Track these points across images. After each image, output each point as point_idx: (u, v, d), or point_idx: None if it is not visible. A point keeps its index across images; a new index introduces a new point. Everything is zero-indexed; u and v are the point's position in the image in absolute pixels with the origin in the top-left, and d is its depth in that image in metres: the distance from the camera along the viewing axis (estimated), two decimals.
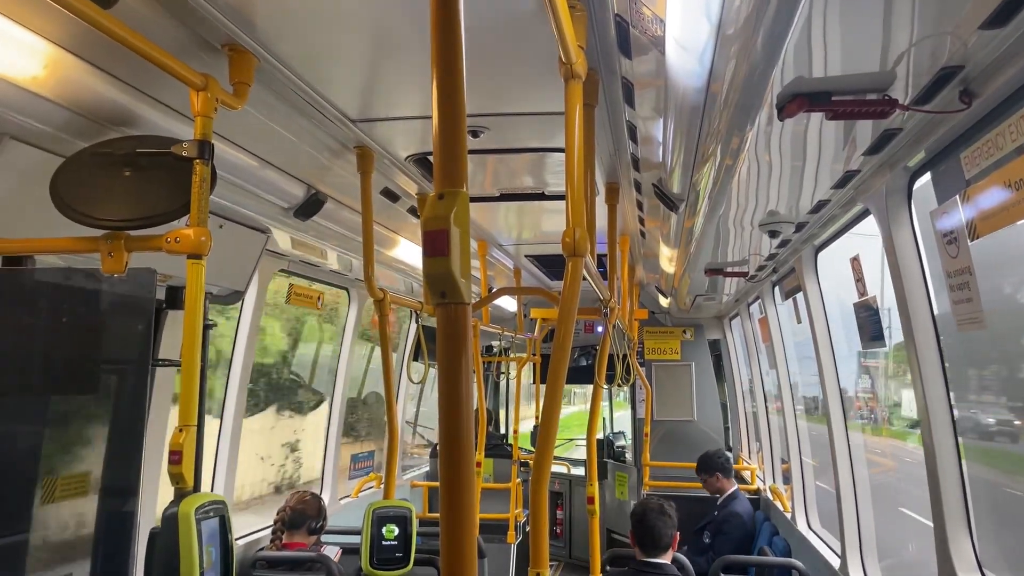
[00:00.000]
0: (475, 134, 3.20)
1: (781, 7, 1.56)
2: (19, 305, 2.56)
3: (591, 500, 3.68)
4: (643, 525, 4.14)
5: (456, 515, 1.25)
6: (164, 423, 3.77)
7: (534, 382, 8.63)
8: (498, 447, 8.75)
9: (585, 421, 3.80)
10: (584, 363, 10.36)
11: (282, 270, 4.88)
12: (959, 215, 2.42)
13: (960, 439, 3.06)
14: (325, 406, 6.56)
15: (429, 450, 9.50)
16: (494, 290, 7.00)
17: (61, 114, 2.31)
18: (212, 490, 4.61)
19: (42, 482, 2.77)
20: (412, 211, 4.42)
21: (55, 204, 2.34)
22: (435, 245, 1.20)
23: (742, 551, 6.32)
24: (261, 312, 4.67)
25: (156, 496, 3.71)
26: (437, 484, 6.17)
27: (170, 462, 2.14)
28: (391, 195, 4.11)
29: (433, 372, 4.31)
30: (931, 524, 3.11)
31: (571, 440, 13.76)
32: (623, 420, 12.05)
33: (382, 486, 3.84)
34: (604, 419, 11.81)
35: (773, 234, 4.13)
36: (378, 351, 6.32)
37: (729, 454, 9.40)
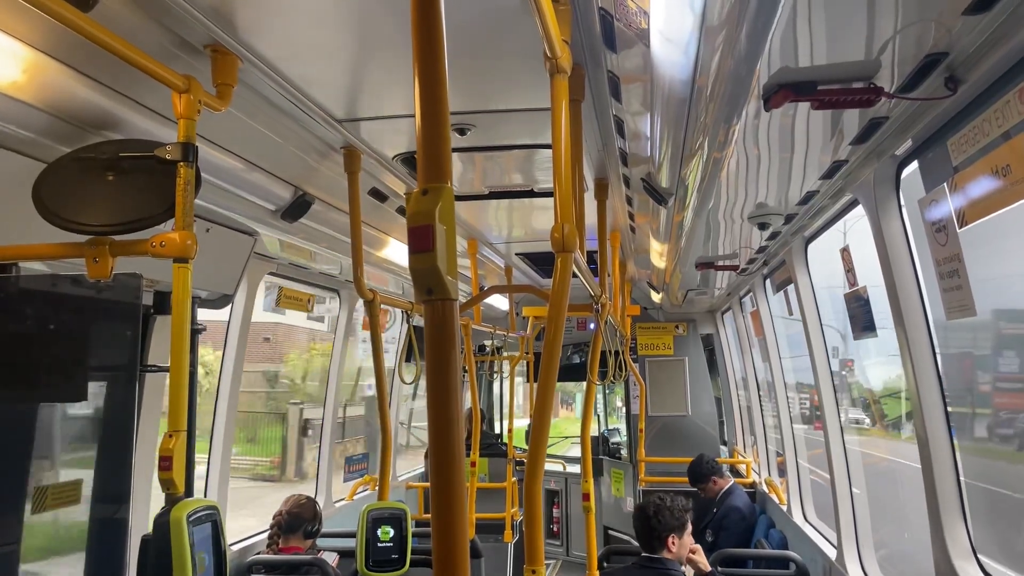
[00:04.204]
0: (462, 132, 3.18)
1: None
2: (4, 313, 2.54)
3: (587, 497, 3.67)
4: (637, 525, 4.25)
5: (447, 512, 1.24)
6: (155, 429, 3.75)
7: (528, 380, 8.62)
8: (493, 446, 8.74)
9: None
10: (577, 360, 10.36)
11: (271, 273, 4.86)
12: (947, 203, 2.43)
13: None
14: None
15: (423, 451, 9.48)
16: (485, 289, 6.98)
17: (42, 119, 2.29)
18: (206, 496, 4.59)
19: (32, 491, 2.75)
20: (401, 211, 4.40)
21: (38, 210, 2.31)
22: (420, 241, 1.19)
23: (744, 543, 6.33)
24: (251, 316, 4.65)
25: (148, 502, 3.68)
26: None
27: (160, 468, 2.12)
28: (379, 195, 4.09)
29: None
30: None
31: (566, 438, 13.76)
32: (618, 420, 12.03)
33: (377, 488, 3.82)
34: (598, 416, 11.81)
35: (763, 226, 4.13)
36: None
37: (723, 447, 9.44)
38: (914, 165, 2.87)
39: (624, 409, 10.36)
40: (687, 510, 4.26)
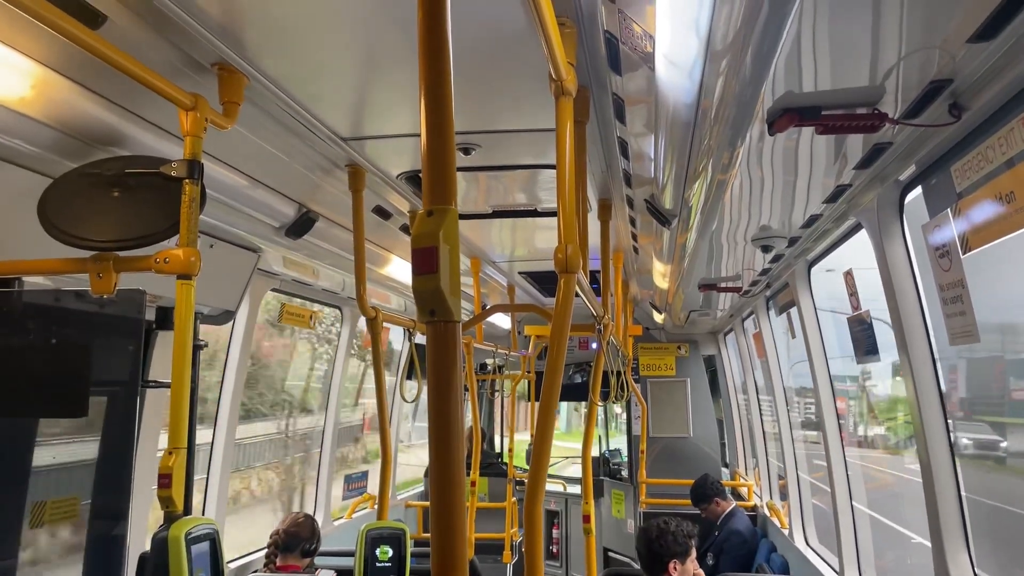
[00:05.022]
0: (467, 151, 3.19)
1: (770, 22, 1.56)
2: (8, 327, 2.54)
3: (587, 519, 3.64)
4: (640, 547, 4.24)
5: (446, 531, 1.23)
6: (155, 445, 3.73)
7: (529, 400, 8.58)
8: (493, 465, 8.69)
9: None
10: (579, 380, 10.32)
11: (274, 289, 4.86)
12: (951, 228, 2.42)
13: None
14: None
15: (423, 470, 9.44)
16: (487, 307, 6.98)
17: (49, 135, 2.30)
18: (204, 513, 4.57)
19: (31, 506, 2.74)
20: (404, 229, 4.41)
21: (43, 225, 2.32)
22: (424, 262, 1.19)
23: (746, 567, 6.28)
24: (253, 332, 4.65)
25: (146, 519, 3.67)
26: None
27: (159, 485, 2.11)
28: (383, 213, 4.10)
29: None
30: None
31: (566, 458, 13.68)
32: (619, 440, 11.94)
33: (376, 507, 3.80)
34: (599, 436, 11.76)
35: (766, 249, 4.13)
36: None
37: (725, 470, 9.38)
38: (918, 190, 2.88)
39: (625, 429, 10.30)
40: (692, 536, 4.18)
